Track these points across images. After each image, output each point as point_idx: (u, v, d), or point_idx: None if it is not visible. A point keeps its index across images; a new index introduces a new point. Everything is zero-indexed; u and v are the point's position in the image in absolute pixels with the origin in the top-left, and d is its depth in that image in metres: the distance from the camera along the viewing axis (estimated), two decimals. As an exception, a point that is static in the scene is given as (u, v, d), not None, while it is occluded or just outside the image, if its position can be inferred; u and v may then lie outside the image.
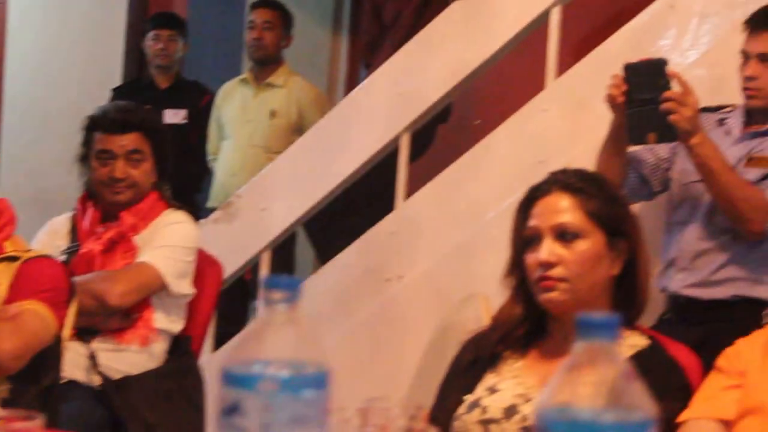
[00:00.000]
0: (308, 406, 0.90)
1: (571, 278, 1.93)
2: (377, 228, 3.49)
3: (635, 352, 1.93)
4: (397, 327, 3.36)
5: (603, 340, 0.84)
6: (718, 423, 1.77)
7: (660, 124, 2.62)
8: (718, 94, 2.88)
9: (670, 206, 2.90)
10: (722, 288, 2.74)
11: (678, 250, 2.82)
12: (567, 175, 2.02)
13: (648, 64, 2.66)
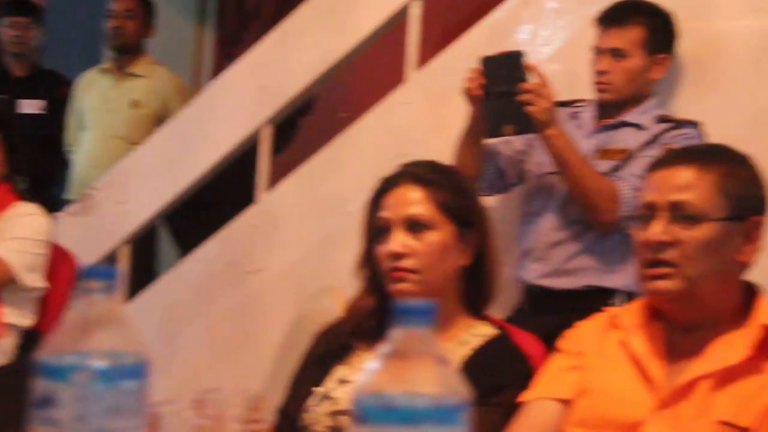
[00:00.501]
0: (126, 396, 0.88)
1: (421, 269, 1.94)
2: (238, 221, 3.47)
3: (483, 342, 1.96)
4: (258, 320, 3.35)
5: (419, 327, 0.84)
6: (557, 403, 1.79)
7: (517, 116, 2.66)
8: (571, 88, 2.94)
9: (526, 198, 2.96)
10: (574, 278, 2.81)
11: (533, 240, 2.88)
12: (417, 167, 2.04)
13: (505, 57, 2.70)
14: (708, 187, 1.74)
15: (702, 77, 2.97)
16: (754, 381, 1.68)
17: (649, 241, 1.74)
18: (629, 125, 2.85)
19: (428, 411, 0.82)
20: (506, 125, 2.70)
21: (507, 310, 2.92)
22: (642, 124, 2.83)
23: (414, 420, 0.81)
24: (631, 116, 2.86)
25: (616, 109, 2.88)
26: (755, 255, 1.77)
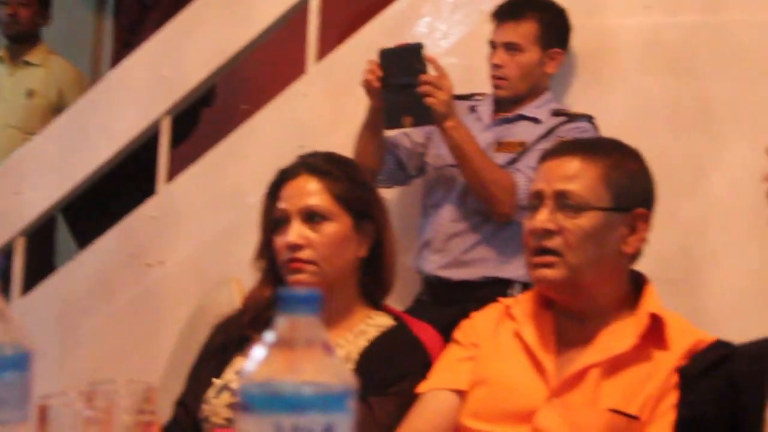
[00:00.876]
0: (7, 388, 0.87)
1: (318, 260, 1.95)
2: (138, 212, 3.44)
3: (381, 332, 1.97)
4: (158, 312, 3.33)
5: (304, 315, 0.86)
6: (453, 393, 1.82)
7: (416, 107, 2.68)
8: (469, 82, 2.99)
9: (426, 190, 2.99)
10: (472, 269, 2.85)
11: (432, 231, 2.92)
12: (315, 158, 2.05)
13: (404, 49, 2.73)
14: (592, 177, 1.78)
15: (594, 72, 3.05)
16: (642, 369, 1.72)
17: (535, 229, 1.78)
18: (526, 119, 2.90)
19: (314, 398, 0.83)
20: (405, 117, 2.72)
21: (407, 301, 2.95)
22: (538, 118, 2.89)
23: (300, 407, 0.82)
24: (527, 110, 2.91)
25: (512, 103, 2.94)
26: (640, 246, 1.82)
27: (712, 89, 2.93)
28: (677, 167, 2.93)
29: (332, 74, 3.26)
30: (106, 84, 3.64)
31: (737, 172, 2.89)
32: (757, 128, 2.86)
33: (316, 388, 0.83)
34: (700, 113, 2.94)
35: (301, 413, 0.82)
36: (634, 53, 3.02)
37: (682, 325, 1.77)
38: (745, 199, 2.87)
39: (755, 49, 2.92)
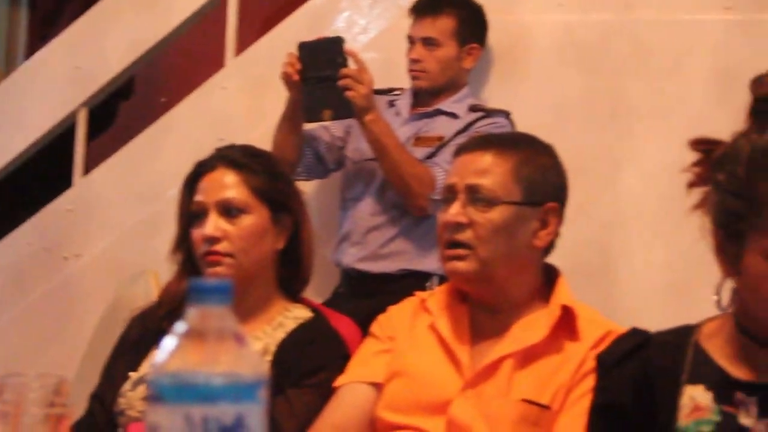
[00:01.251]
0: None
1: (236, 253, 1.95)
2: (54, 205, 3.39)
3: (298, 325, 1.98)
4: (74, 306, 3.29)
5: (215, 305, 0.86)
6: (369, 386, 1.83)
7: (335, 101, 2.69)
8: (388, 76, 3.01)
9: (345, 183, 3.01)
10: (390, 262, 2.88)
11: (351, 224, 2.93)
12: (232, 151, 2.05)
13: (324, 43, 2.74)
14: (504, 172, 1.81)
15: (510, 68, 3.09)
16: (554, 359, 1.75)
17: (447, 222, 1.80)
18: (444, 113, 2.93)
19: (225, 389, 0.83)
20: (325, 110, 2.73)
21: (326, 294, 2.96)
22: (456, 113, 2.92)
23: (210, 398, 0.82)
24: (445, 105, 2.94)
25: (431, 98, 2.97)
26: (551, 240, 1.85)
27: (624, 86, 2.99)
28: (591, 162, 2.98)
29: (251, 68, 3.26)
30: (19, 75, 3.58)
31: (649, 167, 2.95)
32: (668, 124, 2.93)
33: (226, 379, 0.84)
34: (613, 109, 3.00)
35: (212, 404, 0.83)
36: (549, 49, 3.07)
37: (592, 317, 1.81)
38: (657, 193, 2.94)
39: (665, 46, 2.98)
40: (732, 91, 2.83)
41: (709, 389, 1.38)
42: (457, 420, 1.72)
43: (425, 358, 1.82)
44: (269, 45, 3.24)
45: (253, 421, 0.84)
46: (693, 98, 2.91)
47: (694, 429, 1.36)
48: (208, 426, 0.83)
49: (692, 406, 1.37)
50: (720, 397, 1.37)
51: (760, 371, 1.36)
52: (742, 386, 1.36)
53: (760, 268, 1.27)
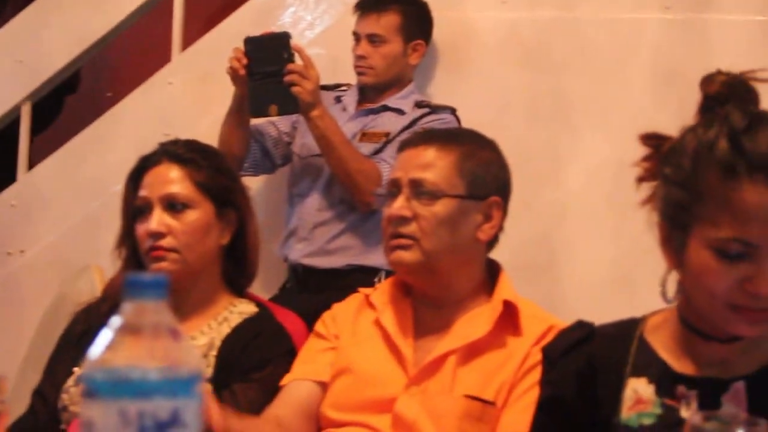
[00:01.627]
0: None
1: (180, 248, 1.95)
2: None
3: (244, 319, 1.98)
4: (18, 301, 3.26)
5: (151, 300, 0.86)
6: (314, 384, 1.84)
7: (282, 96, 2.69)
8: (334, 72, 3.01)
9: (292, 179, 3.01)
10: (337, 257, 2.89)
11: (298, 220, 2.93)
12: (176, 145, 2.04)
13: (271, 38, 2.73)
14: (447, 166, 1.82)
15: (455, 64, 3.11)
16: (497, 355, 1.77)
17: (392, 216, 1.82)
18: (390, 110, 2.95)
19: (160, 384, 0.83)
20: (271, 105, 2.73)
21: (274, 289, 2.97)
22: (402, 109, 2.93)
23: (145, 393, 0.82)
24: (391, 101, 2.96)
25: (377, 94, 2.98)
26: (495, 233, 1.87)
27: (566, 82, 3.02)
28: (535, 157, 3.01)
29: (197, 63, 3.25)
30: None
31: (592, 163, 2.99)
32: (610, 120, 2.96)
33: (162, 374, 0.84)
34: (556, 105, 3.03)
35: (147, 399, 0.82)
36: (493, 47, 3.09)
37: (534, 312, 1.83)
38: (600, 189, 2.97)
39: (607, 44, 3.02)
40: (672, 88, 2.88)
41: (651, 382, 1.39)
42: (402, 417, 1.73)
43: (370, 355, 1.82)
44: (215, 40, 3.23)
45: (189, 416, 0.84)
46: (634, 95, 2.95)
47: (636, 422, 1.37)
48: (143, 421, 0.82)
49: (635, 398, 1.38)
50: (662, 390, 1.38)
51: (702, 365, 1.37)
52: (684, 380, 1.37)
53: (701, 258, 1.28)
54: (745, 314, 1.28)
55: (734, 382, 1.36)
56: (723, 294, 1.27)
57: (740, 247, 1.25)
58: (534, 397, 1.67)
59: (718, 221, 1.26)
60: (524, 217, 3.01)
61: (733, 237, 1.25)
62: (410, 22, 2.96)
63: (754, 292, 1.26)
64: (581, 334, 1.50)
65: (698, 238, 1.29)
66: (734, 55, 2.80)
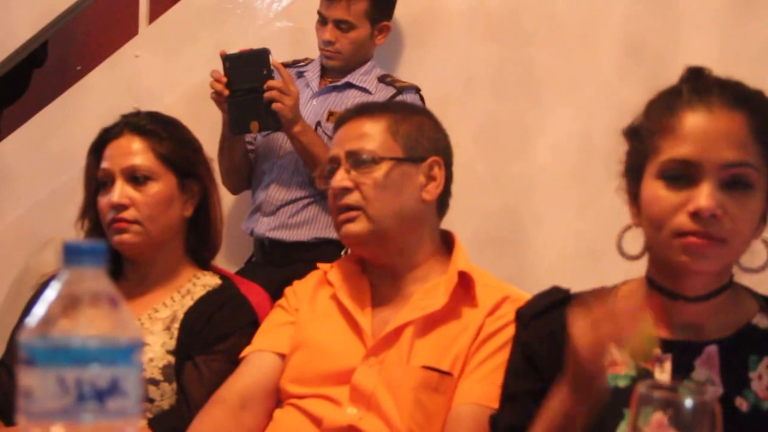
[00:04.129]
0: None
1: (143, 220, 1.95)
2: (-36, 175, 3.33)
3: (207, 292, 1.99)
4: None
5: (90, 267, 0.86)
6: (275, 355, 1.85)
7: (262, 112, 2.68)
8: (300, 45, 3.00)
9: (258, 154, 2.99)
10: (303, 230, 2.88)
11: (264, 195, 2.93)
12: (139, 117, 2.04)
13: (250, 55, 2.70)
14: (380, 131, 1.84)
15: (421, 38, 3.10)
16: (454, 326, 1.77)
17: (334, 189, 1.83)
18: (354, 87, 2.93)
19: (98, 352, 0.82)
20: (252, 122, 2.72)
21: (241, 263, 2.97)
22: (368, 88, 2.91)
23: (83, 361, 0.82)
24: (355, 78, 2.94)
25: (340, 71, 2.96)
26: (440, 193, 1.86)
27: (534, 56, 3.02)
28: (503, 131, 3.02)
29: (165, 35, 3.23)
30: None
31: (559, 137, 2.99)
32: (577, 94, 2.97)
33: (100, 341, 0.83)
34: (523, 79, 3.03)
35: (85, 366, 0.82)
36: (459, 20, 3.08)
37: (489, 282, 1.83)
38: (567, 162, 2.98)
39: (575, 18, 3.02)
40: (639, 61, 2.89)
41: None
42: (359, 387, 1.74)
43: (328, 328, 1.83)
44: (182, 12, 3.21)
45: (128, 384, 0.84)
46: (602, 69, 2.95)
47: (611, 382, 1.39)
48: (82, 389, 0.82)
49: (609, 361, 1.40)
50: None
51: (675, 329, 1.41)
52: (659, 343, 1.40)
53: (650, 190, 1.33)
54: (689, 241, 1.31)
55: (707, 346, 1.40)
56: (669, 221, 1.32)
57: (679, 166, 1.32)
58: (491, 368, 1.71)
59: (662, 148, 1.33)
60: (492, 190, 3.02)
61: (672, 157, 1.32)
62: (377, 6, 2.93)
63: (693, 210, 1.30)
64: (556, 298, 1.53)
65: (648, 173, 1.34)
66: (701, 28, 2.81)
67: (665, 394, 1.00)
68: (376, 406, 1.72)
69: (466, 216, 2.79)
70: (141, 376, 0.86)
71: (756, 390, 1.38)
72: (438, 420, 1.72)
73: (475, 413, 1.68)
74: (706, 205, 1.29)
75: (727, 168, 1.31)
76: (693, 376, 1.39)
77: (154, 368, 1.89)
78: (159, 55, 3.22)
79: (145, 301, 1.99)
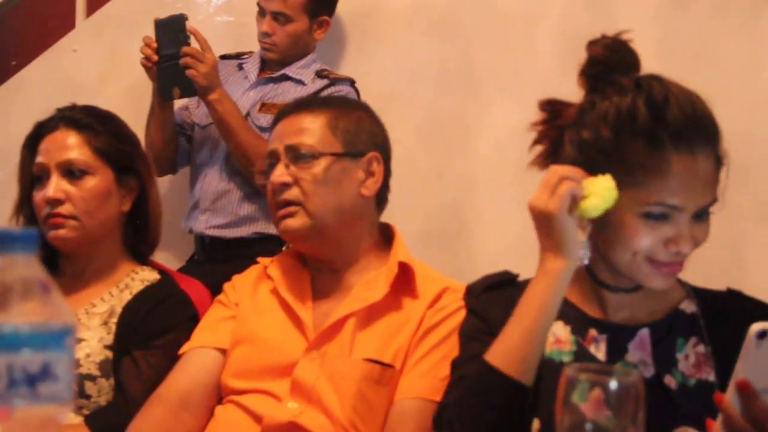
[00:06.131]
0: None
1: (79, 215, 1.93)
2: None
3: (145, 287, 1.97)
4: None
5: (21, 254, 0.85)
6: (216, 351, 1.84)
7: (182, 79, 2.68)
8: (241, 39, 2.99)
9: (193, 149, 2.98)
10: (243, 226, 2.87)
11: (200, 191, 2.91)
12: (74, 111, 2.02)
13: (172, 20, 2.71)
14: (320, 127, 1.84)
15: (363, 34, 3.10)
16: (395, 318, 1.78)
17: (274, 184, 1.82)
18: (290, 79, 2.93)
19: (29, 337, 0.82)
20: (174, 88, 2.71)
21: (182, 260, 2.95)
22: (303, 80, 2.91)
23: (15, 346, 0.82)
24: (292, 71, 2.93)
25: (278, 64, 2.96)
26: (379, 189, 1.87)
27: (475, 52, 3.03)
28: (445, 126, 3.02)
29: (102, 30, 3.20)
30: None
31: (500, 132, 3.00)
32: (517, 89, 2.98)
33: (31, 327, 0.83)
34: (465, 75, 3.04)
35: (16, 352, 0.82)
36: (403, 17, 3.09)
37: (429, 273, 1.84)
38: (508, 156, 2.99)
39: (514, 14, 3.03)
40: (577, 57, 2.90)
41: (567, 324, 1.50)
42: (300, 381, 1.74)
43: (269, 323, 1.82)
44: (120, 7, 3.18)
45: (60, 369, 0.84)
46: (541, 64, 2.97)
47: (557, 357, 1.48)
48: (13, 374, 0.82)
49: (553, 339, 1.48)
50: (576, 330, 1.50)
51: (611, 312, 1.49)
52: (595, 323, 1.50)
53: (627, 220, 1.38)
54: (662, 267, 1.40)
55: (640, 330, 1.48)
56: (645, 251, 1.39)
57: (665, 210, 1.37)
58: (433, 362, 1.72)
59: (646, 187, 1.37)
60: (435, 185, 3.03)
61: (661, 201, 1.37)
62: (316, 0, 2.94)
63: (676, 251, 1.38)
64: (506, 278, 1.60)
65: (628, 205, 1.37)
66: (639, 22, 2.84)
67: (591, 377, 1.03)
68: (317, 400, 1.72)
69: (409, 211, 2.79)
70: (73, 360, 0.85)
71: (683, 369, 1.46)
72: (380, 412, 1.72)
73: (419, 408, 1.69)
74: (688, 250, 1.39)
75: (703, 207, 1.40)
76: (627, 358, 1.47)
77: (91, 364, 1.86)
78: (97, 50, 3.19)
79: (82, 296, 1.97)
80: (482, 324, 1.54)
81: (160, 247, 2.08)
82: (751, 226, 2.65)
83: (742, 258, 2.66)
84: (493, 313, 1.52)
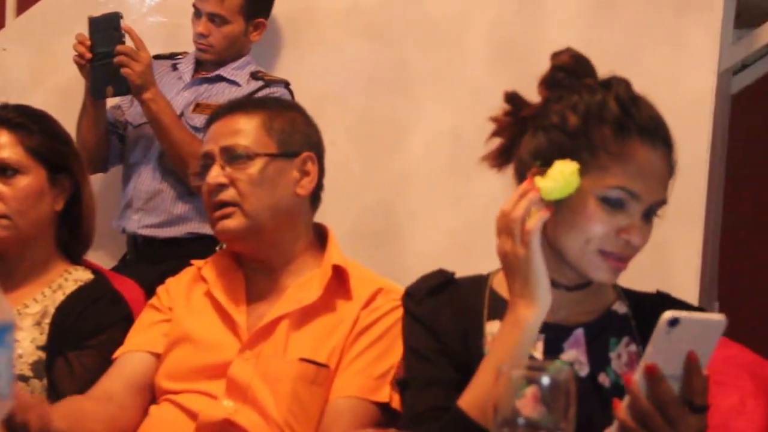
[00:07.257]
0: None
1: (11, 214, 1.92)
2: None
3: (78, 287, 1.97)
4: None
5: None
6: (149, 355, 1.84)
7: (116, 77, 2.67)
8: (175, 40, 2.98)
9: (126, 149, 2.96)
10: (176, 226, 2.86)
11: (133, 191, 2.89)
12: (6, 110, 2.00)
13: (106, 18, 2.70)
14: (255, 128, 1.85)
15: (297, 36, 3.10)
16: (330, 319, 1.79)
17: (210, 186, 1.83)
18: (225, 80, 2.93)
19: None
20: (107, 87, 2.71)
21: (116, 262, 2.93)
22: (237, 81, 2.91)
23: None
24: (227, 71, 2.93)
25: (213, 64, 2.96)
26: (314, 188, 1.89)
27: (408, 55, 3.05)
28: (378, 127, 3.04)
29: (33, 29, 3.16)
30: None
31: (433, 132, 3.03)
32: (449, 91, 3.01)
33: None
34: (397, 76, 3.06)
35: None
36: (335, 18, 3.10)
37: (363, 274, 1.86)
38: (440, 157, 3.03)
39: (445, 18, 3.06)
40: (507, 61, 2.96)
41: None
42: (235, 380, 1.74)
43: (203, 324, 1.83)
44: (52, 5, 3.15)
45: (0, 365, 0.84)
46: (472, 67, 3.01)
47: None
48: (-49, 371, 0.82)
49: (492, 339, 1.48)
50: None
51: (548, 312, 1.47)
52: None
53: (584, 203, 1.40)
54: (611, 261, 1.42)
55: (575, 329, 1.50)
56: (598, 239, 1.41)
57: (623, 195, 1.40)
58: (367, 361, 1.75)
59: (609, 170, 1.40)
60: (368, 185, 3.05)
61: (620, 185, 1.40)
62: (252, 2, 2.93)
63: (627, 239, 1.41)
64: (444, 279, 1.59)
65: (585, 184, 1.39)
66: (566, 27, 2.89)
67: (525, 373, 1.07)
68: (253, 399, 1.73)
69: (342, 211, 2.81)
70: (13, 357, 0.86)
71: (615, 368, 1.49)
72: (315, 412, 1.74)
73: (353, 406, 1.71)
74: (637, 242, 1.41)
75: (656, 202, 1.43)
76: (563, 357, 1.49)
77: (24, 364, 1.85)
78: (28, 49, 3.16)
79: (14, 296, 1.95)
80: (432, 340, 1.53)
81: (92, 247, 2.08)
82: (674, 228, 2.72)
83: (665, 260, 2.71)
84: (442, 322, 1.53)
